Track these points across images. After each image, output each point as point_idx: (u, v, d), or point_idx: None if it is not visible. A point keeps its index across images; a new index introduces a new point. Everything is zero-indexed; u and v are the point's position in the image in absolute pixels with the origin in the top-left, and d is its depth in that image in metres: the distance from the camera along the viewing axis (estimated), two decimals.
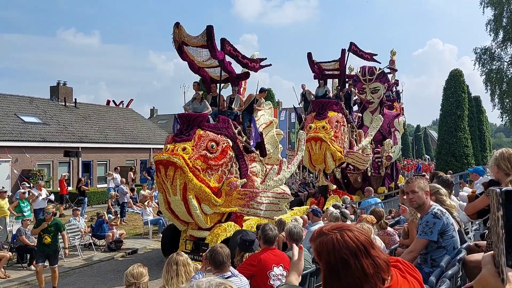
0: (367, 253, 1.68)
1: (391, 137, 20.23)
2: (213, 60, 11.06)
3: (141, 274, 4.13)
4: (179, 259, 4.23)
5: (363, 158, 16.60)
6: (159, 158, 9.62)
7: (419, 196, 3.95)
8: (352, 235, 1.70)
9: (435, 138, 61.56)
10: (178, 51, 10.93)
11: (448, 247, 3.92)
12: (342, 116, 16.09)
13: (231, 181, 10.31)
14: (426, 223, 3.88)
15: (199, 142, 9.89)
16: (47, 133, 23.76)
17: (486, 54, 31.24)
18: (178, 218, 10.28)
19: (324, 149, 14.86)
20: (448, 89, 32.16)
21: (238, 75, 12.30)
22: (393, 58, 22.85)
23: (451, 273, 3.47)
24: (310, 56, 16.86)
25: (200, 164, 9.67)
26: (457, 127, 31.08)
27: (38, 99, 27.23)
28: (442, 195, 4.54)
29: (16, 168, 20.84)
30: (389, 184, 19.99)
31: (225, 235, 10.09)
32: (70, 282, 10.05)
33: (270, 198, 10.89)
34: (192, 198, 9.50)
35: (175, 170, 9.36)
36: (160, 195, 10.41)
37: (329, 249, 1.69)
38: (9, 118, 23.05)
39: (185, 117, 10.58)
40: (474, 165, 25.71)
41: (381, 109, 20.66)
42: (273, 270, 4.67)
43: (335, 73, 17.49)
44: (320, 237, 1.74)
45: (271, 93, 35.31)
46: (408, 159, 52.20)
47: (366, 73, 20.12)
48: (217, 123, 10.70)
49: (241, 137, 11.17)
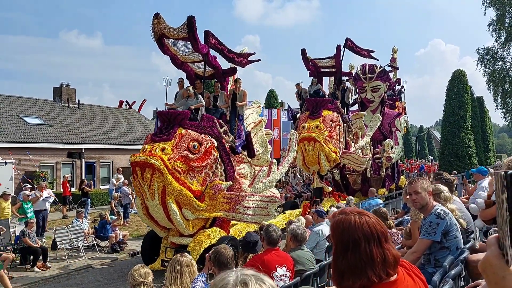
0: (379, 243, 1.73)
1: (392, 137, 19.79)
2: (197, 54, 10.35)
3: (148, 273, 4.15)
4: (183, 260, 4.23)
5: (359, 159, 15.99)
6: (135, 160, 8.92)
7: (422, 196, 3.94)
8: (370, 221, 1.76)
9: (438, 138, 61.45)
10: (158, 44, 10.16)
11: (452, 247, 3.92)
12: (338, 115, 15.52)
13: (215, 184, 9.67)
14: (430, 223, 3.88)
15: (180, 142, 9.23)
16: (50, 135, 23.82)
17: (489, 54, 31.23)
18: (158, 224, 9.66)
19: (318, 149, 14.22)
20: (451, 89, 32.11)
21: (224, 71, 11.55)
22: (394, 56, 22.20)
23: (454, 273, 3.47)
24: (304, 53, 16.23)
25: (180, 166, 9.05)
26: (460, 128, 31.02)
27: (41, 101, 27.32)
28: (441, 199, 4.52)
29: (19, 169, 20.89)
30: (390, 186, 19.59)
31: (209, 242, 9.47)
32: (73, 283, 10.06)
33: (258, 202, 10.26)
34: (172, 203, 8.87)
35: (152, 173, 8.72)
36: (137, 200, 9.75)
37: (344, 227, 1.75)
38: (12, 119, 23.12)
39: (165, 115, 9.89)
40: (477, 165, 25.64)
41: (382, 108, 20.21)
42: (277, 270, 4.67)
43: (331, 70, 16.87)
44: (340, 215, 1.81)
45: (274, 93, 35.40)
46: (412, 160, 52.10)
47: (366, 71, 19.65)
48: (200, 121, 10.01)
49: (227, 136, 10.57)
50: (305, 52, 16.17)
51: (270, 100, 32.99)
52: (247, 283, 1.23)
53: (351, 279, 1.70)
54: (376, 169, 18.84)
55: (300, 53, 16.20)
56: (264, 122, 14.43)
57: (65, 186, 19.08)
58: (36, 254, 10.76)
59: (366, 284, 1.69)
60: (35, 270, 10.58)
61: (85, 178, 21.59)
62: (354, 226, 1.73)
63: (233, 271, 1.30)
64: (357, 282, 1.69)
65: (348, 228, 1.74)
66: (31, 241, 10.76)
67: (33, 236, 10.99)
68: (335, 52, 15.90)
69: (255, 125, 13.43)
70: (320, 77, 16.63)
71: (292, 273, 4.84)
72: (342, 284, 1.73)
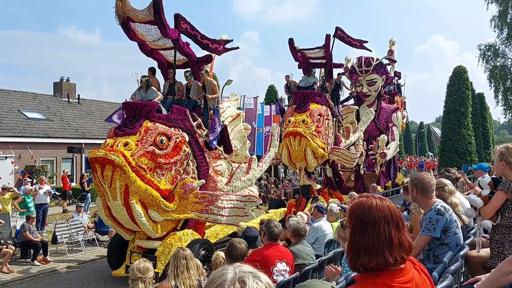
0: (397, 227, 1.77)
1: (388, 132, 18.75)
2: (167, 40, 9.46)
3: (147, 269, 4.15)
4: (187, 253, 4.26)
5: (349, 156, 14.86)
6: (93, 156, 8.04)
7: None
8: (391, 206, 1.81)
9: (438, 135, 61.41)
10: (124, 28, 9.13)
11: (451, 244, 3.91)
12: (327, 109, 14.49)
13: (186, 182, 8.79)
14: (429, 219, 3.87)
15: (146, 136, 8.34)
16: (50, 129, 23.84)
17: (490, 50, 31.09)
18: (123, 226, 8.78)
19: (304, 145, 13.19)
20: (451, 85, 32.02)
21: (198, 59, 10.56)
22: (392, 48, 20.89)
23: (453, 269, 3.46)
24: (292, 43, 15.15)
25: (146, 163, 8.19)
26: (460, 124, 30.97)
27: (42, 95, 27.33)
28: (445, 193, 4.52)
29: (19, 163, 20.91)
30: (386, 183, 18.68)
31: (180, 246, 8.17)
32: (73, 277, 10.09)
33: (234, 201, 9.43)
34: (136, 203, 8.02)
35: (113, 170, 7.88)
36: (98, 199, 8.90)
37: (365, 207, 1.79)
38: (12, 114, 23.13)
39: (130, 106, 8.89)
40: (477, 162, 25.60)
41: (379, 102, 19.28)
42: (277, 265, 4.68)
43: (321, 61, 15.69)
44: (361, 198, 1.86)
45: (274, 89, 35.27)
46: (412, 156, 52.10)
47: (362, 64, 18.72)
48: (170, 114, 9.09)
49: (201, 130, 9.74)
50: (292, 42, 15.15)
51: (270, 95, 32.88)
52: (245, 281, 1.24)
53: (367, 258, 1.73)
54: (370, 166, 17.89)
55: (288, 43, 15.22)
56: (242, 116, 13.49)
57: (65, 180, 19.12)
58: (36, 248, 10.81)
59: (381, 264, 1.72)
60: (36, 264, 10.63)
61: (85, 173, 21.60)
62: (375, 207, 1.78)
63: (231, 267, 1.31)
64: (373, 261, 1.72)
65: (369, 208, 1.78)
66: (31, 235, 10.79)
67: (33, 230, 11.03)
68: (324, 42, 14.88)
69: (233, 119, 12.53)
70: (309, 68, 15.54)
71: (292, 268, 4.86)
72: (357, 262, 1.77)
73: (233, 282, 1.24)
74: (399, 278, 1.73)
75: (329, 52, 15.04)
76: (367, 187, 15.81)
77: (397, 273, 1.74)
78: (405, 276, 1.75)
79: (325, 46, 14.90)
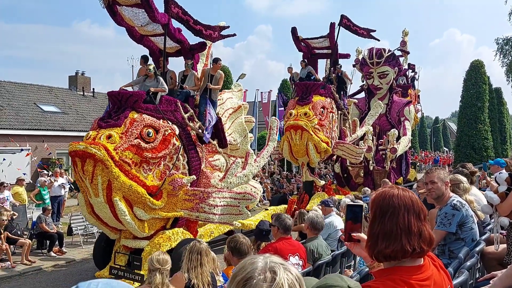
0: (418, 216, 1.77)
1: (400, 127, 18.01)
2: (156, 25, 8.76)
3: (166, 261, 4.16)
4: (202, 247, 4.22)
5: (355, 150, 14.22)
6: (73, 149, 7.39)
7: (438, 187, 3.90)
8: (413, 197, 1.81)
9: (454, 130, 60.62)
10: (110, 11, 8.32)
11: (467, 239, 3.87)
12: (331, 102, 13.82)
13: (175, 178, 8.20)
14: (445, 214, 3.83)
15: (131, 128, 7.70)
16: (66, 122, 24.14)
17: (508, 44, 30.53)
18: (107, 224, 8.16)
19: (306, 139, 12.55)
20: (468, 80, 31.49)
21: (192, 46, 9.76)
22: (405, 39, 19.92)
23: (469, 265, 3.42)
24: (295, 32, 14.31)
25: (131, 157, 7.56)
26: (477, 119, 30.47)
27: (57, 89, 27.66)
28: (460, 190, 4.46)
29: (35, 156, 21.22)
30: (396, 179, 17.80)
31: (169, 245, 8.05)
32: (89, 268, 10.20)
33: (227, 199, 8.90)
34: (119, 200, 7.41)
35: (94, 165, 7.28)
36: (80, 196, 8.29)
37: (387, 196, 1.81)
38: (29, 107, 23.48)
39: (115, 96, 8.14)
40: (493, 158, 25.21)
41: (391, 95, 18.57)
42: (289, 259, 4.67)
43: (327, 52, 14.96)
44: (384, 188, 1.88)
45: (287, 83, 35.15)
46: (426, 152, 51.54)
47: (373, 56, 17.81)
48: (159, 105, 8.44)
49: (193, 123, 9.12)
50: (295, 31, 14.31)
51: (283, 90, 32.76)
52: (276, 271, 1.24)
53: (385, 244, 1.74)
54: (380, 162, 16.98)
55: (290, 32, 14.38)
56: (245, 108, 12.64)
57: None
58: (52, 240, 10.98)
59: (398, 251, 1.72)
60: (51, 255, 10.81)
61: None
62: (396, 196, 1.79)
63: (262, 257, 1.31)
64: (390, 247, 1.73)
65: (390, 197, 1.80)
66: (47, 227, 10.96)
67: (49, 222, 11.21)
68: (329, 31, 14.10)
69: (234, 110, 11.75)
70: (314, 59, 14.87)
71: (304, 262, 4.85)
72: (375, 248, 1.77)
73: (264, 271, 1.24)
74: (417, 275, 1.71)
75: (334, 42, 14.39)
76: (377, 183, 15.46)
77: (415, 270, 1.73)
78: (424, 273, 1.74)
79: (329, 35, 14.17)
